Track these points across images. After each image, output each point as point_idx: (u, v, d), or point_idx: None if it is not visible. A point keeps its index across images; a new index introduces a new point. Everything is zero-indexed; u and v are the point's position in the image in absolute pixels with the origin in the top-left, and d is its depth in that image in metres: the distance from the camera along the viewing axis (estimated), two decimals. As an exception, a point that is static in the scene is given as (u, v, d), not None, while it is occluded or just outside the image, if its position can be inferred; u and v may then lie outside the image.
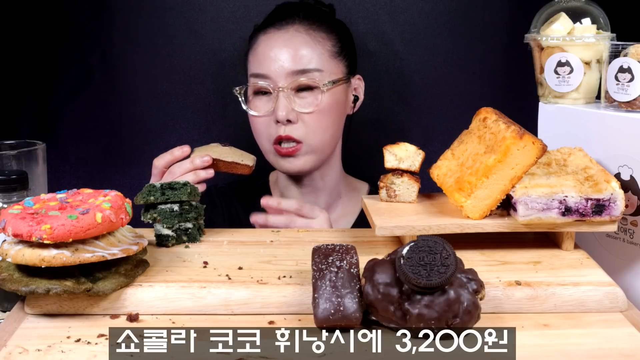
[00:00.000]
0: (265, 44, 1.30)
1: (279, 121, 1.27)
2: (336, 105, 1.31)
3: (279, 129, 1.28)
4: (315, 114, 1.28)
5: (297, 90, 1.28)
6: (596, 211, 0.90)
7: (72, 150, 1.58)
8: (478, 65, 1.57)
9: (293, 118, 1.27)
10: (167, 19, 1.54)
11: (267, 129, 1.30)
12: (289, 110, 1.26)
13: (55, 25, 1.53)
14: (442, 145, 1.04)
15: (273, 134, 1.29)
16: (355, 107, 1.38)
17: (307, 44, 1.29)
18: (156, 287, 0.82)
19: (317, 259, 0.80)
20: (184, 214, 0.97)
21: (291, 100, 1.27)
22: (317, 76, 1.28)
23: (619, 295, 0.83)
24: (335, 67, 1.31)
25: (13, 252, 0.79)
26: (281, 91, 1.27)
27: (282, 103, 1.26)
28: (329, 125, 1.31)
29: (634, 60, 0.97)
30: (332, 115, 1.31)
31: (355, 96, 1.37)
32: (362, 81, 1.39)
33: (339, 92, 1.32)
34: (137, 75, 1.56)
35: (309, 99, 1.28)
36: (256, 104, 1.31)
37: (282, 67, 1.27)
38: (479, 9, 1.55)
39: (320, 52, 1.29)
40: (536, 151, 0.89)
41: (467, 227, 0.92)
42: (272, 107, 1.28)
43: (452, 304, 0.73)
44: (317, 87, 1.28)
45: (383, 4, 1.55)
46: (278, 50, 1.28)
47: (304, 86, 1.28)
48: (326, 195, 1.39)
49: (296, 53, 1.28)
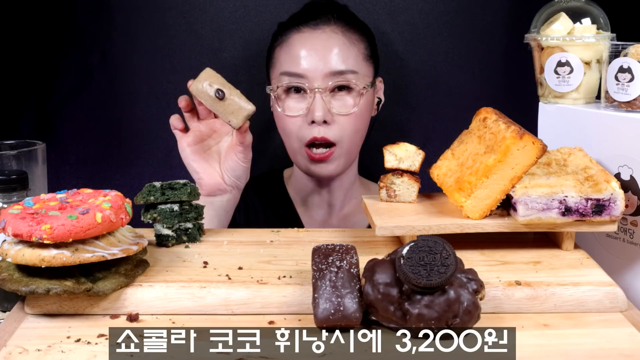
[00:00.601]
0: (301, 43, 1.29)
1: (314, 122, 1.26)
2: (368, 108, 1.33)
3: (312, 130, 1.27)
4: (351, 116, 1.28)
5: (333, 92, 1.28)
6: (596, 211, 0.90)
7: (72, 150, 1.58)
8: (478, 65, 1.57)
9: (329, 119, 1.27)
10: (167, 19, 1.54)
11: (299, 129, 1.29)
12: (326, 111, 1.26)
13: (55, 25, 1.53)
14: (442, 145, 1.04)
15: (306, 136, 1.28)
16: (378, 109, 1.40)
17: (344, 45, 1.29)
18: (156, 287, 0.82)
19: (317, 259, 0.80)
20: (184, 214, 0.97)
21: (328, 101, 1.26)
22: (352, 78, 1.28)
23: (619, 295, 0.83)
24: (368, 70, 1.32)
25: (13, 252, 0.79)
26: (318, 92, 1.26)
27: (319, 104, 1.26)
28: (361, 127, 1.32)
29: (634, 60, 0.97)
30: (364, 118, 1.32)
31: (379, 98, 1.39)
32: (382, 83, 1.40)
33: (370, 94, 1.33)
34: (137, 75, 1.56)
35: (345, 100, 1.28)
36: (289, 104, 1.29)
37: (319, 67, 1.26)
38: (479, 9, 1.55)
39: (355, 54, 1.30)
40: (536, 151, 0.89)
41: (467, 227, 0.92)
42: (306, 108, 1.27)
43: (452, 304, 0.73)
44: (353, 88, 1.28)
45: (383, 4, 1.55)
46: (314, 50, 1.28)
47: (341, 87, 1.28)
48: (341, 194, 1.40)
49: (333, 54, 1.28)
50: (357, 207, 1.41)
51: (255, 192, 1.42)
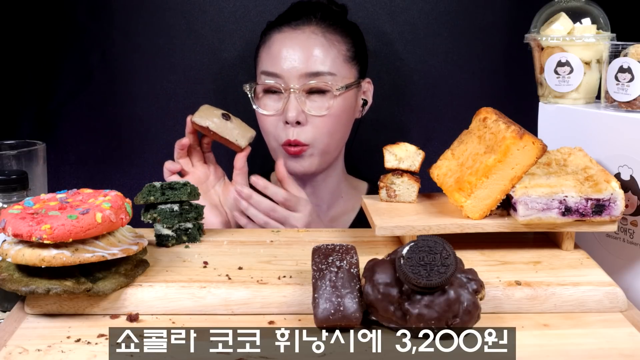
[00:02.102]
0: (280, 42, 1.29)
1: (288, 122, 1.26)
2: (346, 109, 1.31)
3: (287, 132, 1.27)
4: (326, 117, 1.27)
5: (309, 93, 1.28)
6: (596, 211, 0.90)
7: (72, 150, 1.58)
8: (478, 65, 1.57)
9: (302, 120, 1.26)
10: (167, 19, 1.54)
11: (275, 129, 1.29)
12: (299, 112, 1.26)
13: (55, 25, 1.53)
14: (442, 145, 1.04)
15: (282, 137, 1.28)
16: (363, 111, 1.38)
17: (322, 47, 1.28)
18: (156, 287, 0.82)
19: (317, 259, 0.80)
20: (184, 214, 0.97)
21: (302, 102, 1.26)
22: (329, 80, 1.27)
23: (619, 295, 0.83)
24: (348, 72, 1.31)
25: (13, 252, 0.79)
26: (293, 92, 1.26)
27: (293, 104, 1.26)
28: (337, 129, 1.30)
29: (634, 60, 0.97)
30: (341, 120, 1.31)
31: (364, 100, 1.37)
32: (371, 85, 1.38)
33: (350, 96, 1.32)
34: (137, 75, 1.56)
35: (320, 102, 1.27)
36: (265, 103, 1.30)
37: (295, 67, 1.26)
38: (479, 9, 1.55)
39: (334, 56, 1.29)
40: (536, 151, 0.89)
41: (467, 227, 0.92)
42: (282, 107, 1.27)
43: (452, 304, 0.73)
44: (329, 90, 1.27)
45: (383, 4, 1.55)
46: (292, 51, 1.28)
47: (315, 89, 1.27)
48: (327, 195, 1.39)
49: (310, 55, 1.27)
50: (345, 207, 1.41)
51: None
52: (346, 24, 1.36)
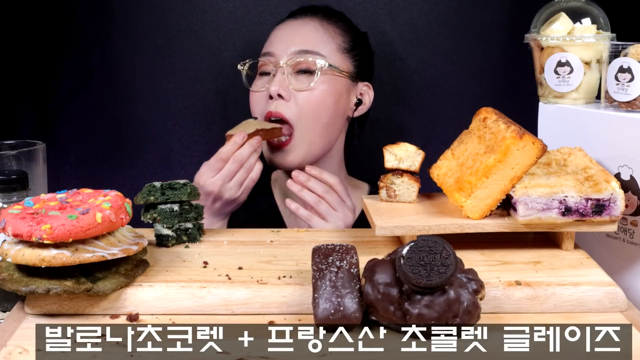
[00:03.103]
0: (281, 29, 1.34)
1: (271, 96, 1.28)
2: (333, 93, 1.30)
3: (269, 105, 1.28)
4: (309, 94, 1.28)
5: (297, 73, 1.29)
6: (596, 211, 0.90)
7: (72, 150, 1.58)
8: (478, 65, 1.57)
9: (286, 95, 1.28)
10: (167, 19, 1.54)
11: (258, 105, 1.31)
12: (284, 86, 1.28)
13: (55, 25, 1.53)
14: (442, 145, 1.04)
15: (264, 110, 1.30)
16: (356, 111, 1.37)
17: (317, 31, 1.32)
18: (156, 287, 0.82)
19: (317, 259, 0.80)
20: (184, 214, 0.97)
21: (288, 79, 1.28)
22: (317, 59, 1.29)
23: (619, 295, 0.83)
24: (341, 61, 1.32)
25: (13, 252, 0.79)
26: (279, 67, 1.29)
27: (278, 78, 1.28)
28: (322, 112, 1.29)
29: (634, 60, 0.97)
30: (326, 103, 1.30)
31: (358, 99, 1.37)
32: (370, 90, 1.38)
33: (339, 83, 1.32)
34: (137, 75, 1.56)
35: (305, 80, 1.29)
36: (256, 82, 1.33)
37: (287, 46, 1.30)
38: (479, 9, 1.55)
39: (327, 42, 1.31)
40: (536, 151, 0.89)
41: (467, 227, 0.92)
42: (269, 84, 1.30)
43: (452, 304, 0.73)
44: (314, 70, 1.29)
45: (383, 4, 1.55)
46: (287, 33, 1.32)
47: (303, 68, 1.29)
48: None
49: (303, 36, 1.31)
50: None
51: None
52: (352, 27, 1.38)
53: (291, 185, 1.21)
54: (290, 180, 1.21)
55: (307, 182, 1.20)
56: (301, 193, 1.20)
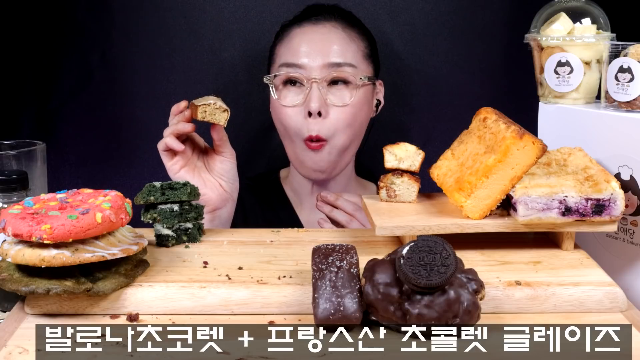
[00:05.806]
0: (301, 36, 1.32)
1: (310, 113, 1.27)
2: (365, 103, 1.33)
3: (309, 126, 1.27)
4: (347, 109, 1.29)
5: (331, 84, 1.29)
6: (596, 211, 0.90)
7: (72, 150, 1.58)
8: (478, 65, 1.57)
9: (324, 111, 1.27)
10: (167, 19, 1.54)
11: (296, 123, 1.29)
12: (322, 102, 1.27)
13: (55, 25, 1.53)
14: (442, 145, 1.04)
15: (304, 132, 1.28)
16: (377, 111, 1.40)
17: (343, 40, 1.31)
18: (156, 287, 0.82)
19: (317, 259, 0.80)
20: (184, 214, 0.97)
21: (324, 92, 1.27)
22: (350, 71, 1.29)
23: (619, 295, 0.83)
24: (367, 68, 1.34)
25: (13, 252, 0.79)
26: (315, 82, 1.27)
27: (316, 94, 1.27)
28: (355, 124, 1.31)
29: (634, 60, 0.97)
30: (361, 114, 1.32)
31: (378, 100, 1.39)
32: (382, 86, 1.41)
33: (368, 91, 1.34)
34: (137, 75, 1.56)
35: (342, 93, 1.29)
36: (286, 95, 1.31)
37: (317, 59, 1.28)
38: (479, 9, 1.55)
39: (355, 50, 1.31)
40: (536, 151, 0.89)
41: (467, 227, 0.92)
42: (304, 98, 1.28)
43: (452, 304, 0.73)
44: (351, 81, 1.29)
45: (383, 4, 1.55)
46: (314, 43, 1.30)
47: (338, 79, 1.29)
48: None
49: (332, 46, 1.29)
50: None
51: (253, 194, 1.43)
52: (363, 26, 1.39)
53: (322, 206, 1.21)
54: (320, 202, 1.22)
55: (336, 202, 1.21)
56: (332, 213, 1.21)
